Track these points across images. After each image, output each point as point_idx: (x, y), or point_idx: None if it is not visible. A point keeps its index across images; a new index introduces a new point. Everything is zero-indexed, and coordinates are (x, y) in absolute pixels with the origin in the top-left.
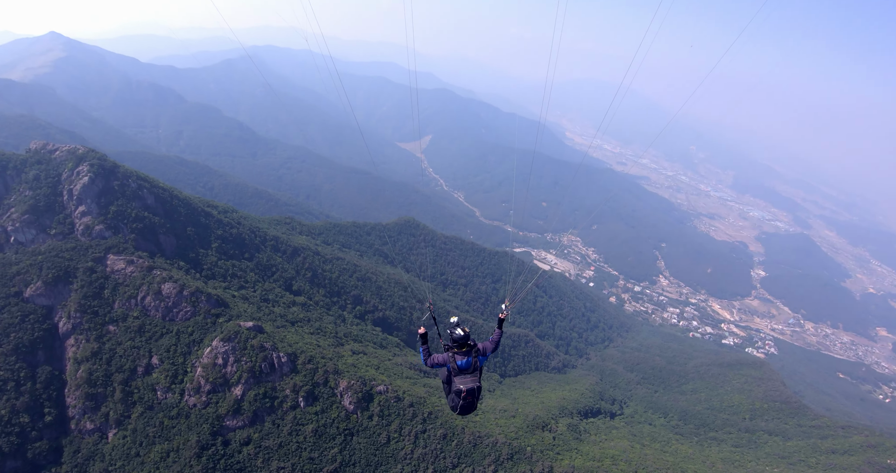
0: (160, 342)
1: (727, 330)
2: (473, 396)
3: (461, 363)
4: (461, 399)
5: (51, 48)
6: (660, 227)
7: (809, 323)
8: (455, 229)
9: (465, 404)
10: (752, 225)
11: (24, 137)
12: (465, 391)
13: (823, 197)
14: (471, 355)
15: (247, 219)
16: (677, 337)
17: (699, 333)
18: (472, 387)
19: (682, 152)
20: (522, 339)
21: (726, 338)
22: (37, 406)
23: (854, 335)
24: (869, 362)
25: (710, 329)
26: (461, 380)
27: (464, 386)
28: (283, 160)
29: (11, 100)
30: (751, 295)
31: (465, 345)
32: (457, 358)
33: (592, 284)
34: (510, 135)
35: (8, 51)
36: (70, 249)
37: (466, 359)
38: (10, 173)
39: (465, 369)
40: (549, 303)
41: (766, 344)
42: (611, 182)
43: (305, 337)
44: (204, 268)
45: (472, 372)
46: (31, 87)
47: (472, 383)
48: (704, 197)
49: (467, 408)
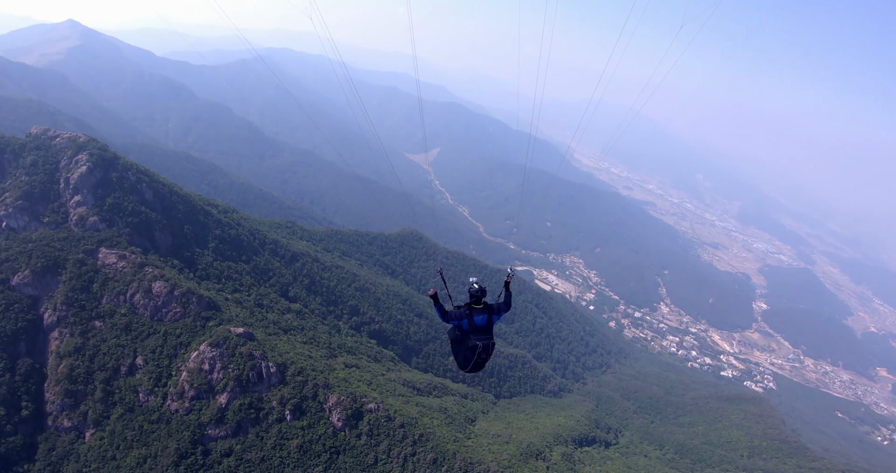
0: (146, 342)
1: (726, 361)
2: (488, 353)
3: (478, 319)
4: (476, 356)
5: (67, 36)
6: (663, 254)
7: (809, 360)
8: (458, 243)
9: (479, 361)
10: (756, 257)
11: (31, 121)
12: (482, 347)
13: (828, 232)
14: (486, 313)
15: (247, 220)
16: (676, 367)
17: (698, 363)
18: (489, 344)
19: (688, 180)
20: (519, 360)
21: (725, 370)
22: (14, 399)
23: (854, 374)
24: (868, 402)
25: (709, 360)
26: (477, 337)
27: (480, 343)
28: (290, 163)
29: (23, 84)
30: (751, 328)
31: (481, 302)
32: (474, 314)
33: (593, 307)
34: (518, 152)
35: (25, 35)
36: (62, 239)
37: (483, 316)
38: (7, 157)
39: (481, 327)
40: (548, 325)
41: (765, 379)
42: (616, 206)
43: (297, 347)
44: (198, 268)
45: (486, 329)
46: (43, 73)
47: (487, 340)
48: (709, 226)
49: (480, 365)
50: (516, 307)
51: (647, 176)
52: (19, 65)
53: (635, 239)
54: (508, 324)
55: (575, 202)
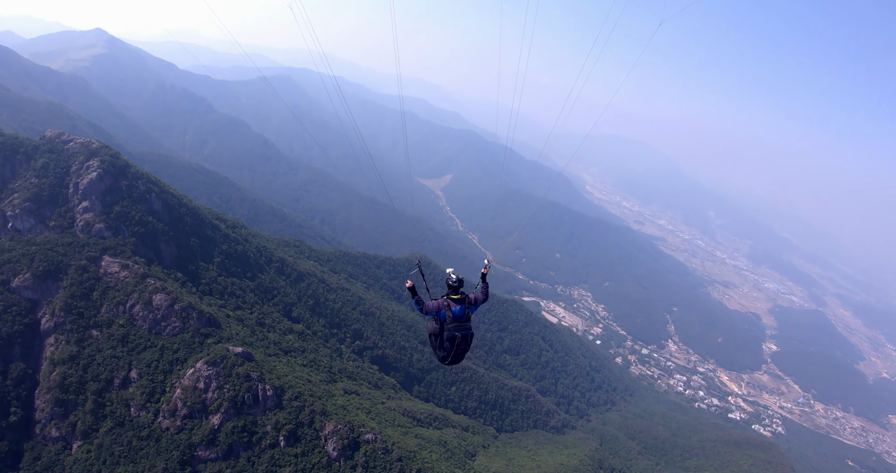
0: (142, 355)
1: (734, 403)
2: (467, 343)
3: (455, 309)
4: (454, 347)
5: (94, 43)
6: (673, 291)
7: (819, 404)
8: (465, 271)
9: (458, 352)
10: (767, 297)
11: (50, 124)
12: (460, 337)
13: (840, 275)
14: (464, 303)
15: (255, 236)
16: (682, 407)
17: (705, 404)
18: (467, 334)
19: (700, 216)
20: (523, 393)
21: (733, 412)
22: (3, 404)
23: (865, 421)
24: (879, 451)
25: (716, 401)
26: (455, 328)
27: (458, 333)
28: (302, 181)
29: (47, 88)
30: (761, 370)
31: (459, 293)
32: (451, 305)
33: (600, 342)
34: (531, 182)
35: (54, 40)
36: (66, 244)
37: (460, 307)
38: (19, 157)
39: (459, 317)
40: (553, 358)
41: (774, 423)
42: (627, 240)
43: (297, 370)
44: (202, 283)
45: (464, 320)
46: (67, 78)
47: (465, 330)
48: (720, 264)
49: (459, 357)
50: (522, 338)
51: (658, 211)
52: (44, 68)
53: (645, 275)
54: (514, 356)
55: (585, 234)
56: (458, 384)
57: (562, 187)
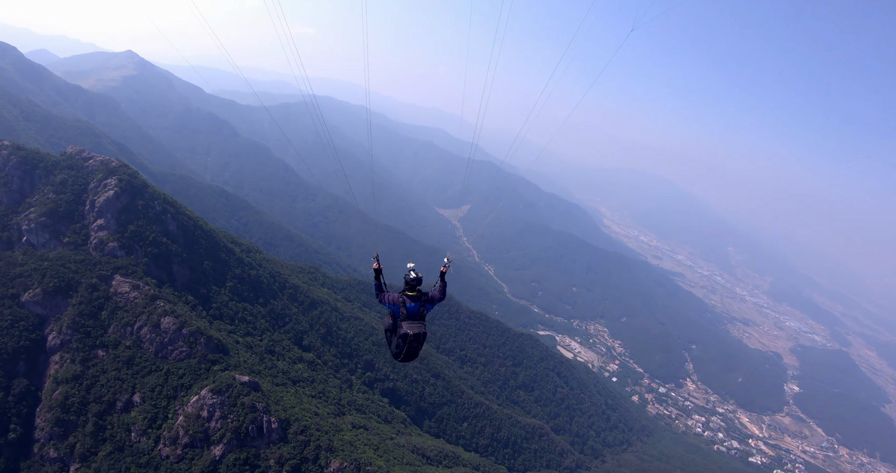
0: (147, 379)
1: (755, 446)
2: (419, 341)
3: (410, 306)
4: (406, 344)
5: (124, 64)
6: (691, 328)
7: (844, 449)
8: (481, 303)
9: (410, 350)
10: (788, 335)
11: (76, 141)
12: (413, 335)
13: (864, 314)
14: (419, 301)
15: (269, 262)
16: (701, 449)
17: (725, 447)
18: (419, 332)
19: (719, 252)
20: (536, 432)
21: (753, 456)
22: (3, 421)
23: (892, 467)
24: None
25: (736, 443)
26: (408, 325)
27: (411, 331)
28: (321, 207)
29: (77, 106)
30: (782, 412)
31: (416, 290)
32: (406, 302)
33: (616, 379)
34: (548, 214)
35: (86, 60)
36: (78, 261)
37: (415, 304)
38: (39, 172)
39: (414, 315)
40: (568, 395)
41: (797, 468)
42: (645, 275)
43: (304, 401)
44: (213, 307)
45: (419, 318)
46: (97, 97)
47: (419, 328)
48: (740, 301)
49: (411, 354)
50: (537, 374)
51: (677, 246)
52: (75, 87)
53: (663, 311)
54: (528, 392)
55: (603, 268)
56: (471, 420)
57: (579, 220)
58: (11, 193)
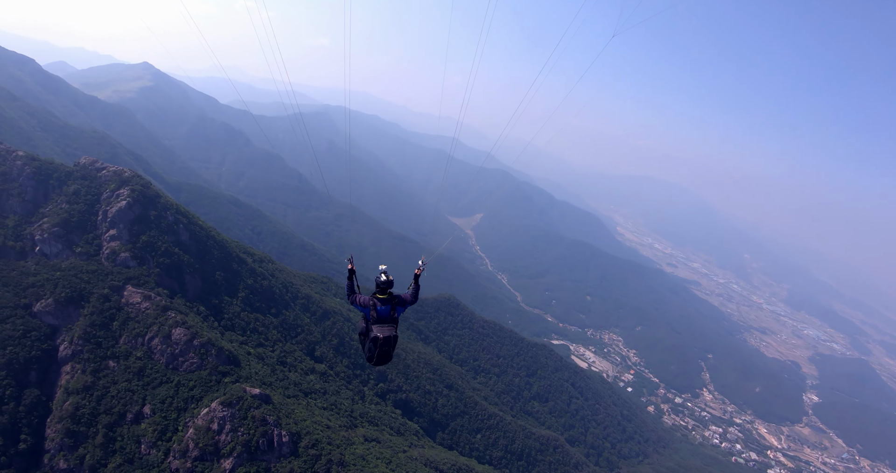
0: (157, 390)
1: (774, 458)
2: (390, 345)
3: (381, 309)
4: (378, 348)
5: (141, 76)
6: (707, 336)
7: (865, 461)
8: (494, 312)
9: (381, 353)
10: (807, 344)
11: (92, 151)
12: (383, 338)
13: (884, 321)
14: (390, 304)
15: (282, 272)
16: (719, 461)
17: (743, 458)
18: (390, 336)
19: (735, 260)
20: (551, 443)
21: (773, 468)
22: (14, 431)
23: None
24: None
25: (755, 455)
26: (379, 328)
27: (381, 334)
28: (334, 216)
29: (93, 116)
30: (801, 422)
31: (387, 293)
32: (377, 304)
33: (631, 389)
34: (562, 223)
35: (103, 72)
36: (90, 272)
37: (386, 307)
38: (52, 182)
39: (384, 318)
40: (583, 406)
41: None
42: (659, 283)
43: (316, 413)
44: (224, 318)
45: (389, 321)
46: (113, 108)
47: (389, 331)
48: (756, 309)
49: (383, 358)
50: (551, 385)
51: (691, 253)
52: (91, 98)
53: (678, 319)
54: (542, 403)
55: (617, 277)
56: (484, 431)
57: (593, 228)
58: (25, 203)
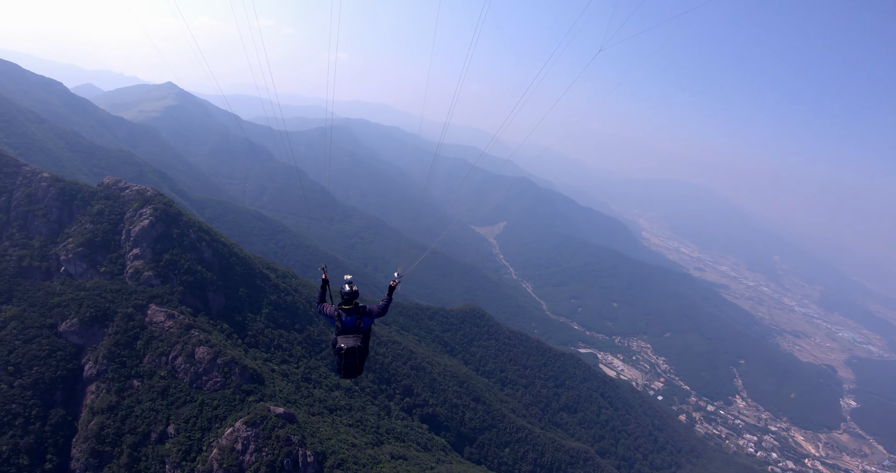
0: (181, 410)
1: (812, 467)
2: (354, 356)
3: (345, 319)
4: (342, 359)
5: (165, 95)
6: (739, 342)
7: None
8: (520, 321)
9: (347, 364)
10: (842, 347)
11: (119, 171)
12: (346, 349)
13: None
14: (356, 314)
15: (305, 286)
16: (754, 471)
17: (779, 468)
18: (353, 347)
19: (764, 261)
20: (581, 456)
21: None
22: (40, 450)
23: None
24: None
25: (792, 464)
26: (343, 339)
27: (345, 345)
28: (357, 228)
29: (119, 136)
30: (839, 429)
31: (352, 303)
32: (342, 314)
33: (661, 398)
34: (586, 229)
35: (129, 93)
36: (114, 291)
37: (351, 317)
38: (77, 203)
39: (350, 328)
40: (613, 417)
41: None
42: (687, 287)
43: (341, 431)
44: (248, 335)
45: (355, 332)
46: (139, 127)
47: (353, 342)
48: (788, 312)
49: (349, 369)
50: (580, 395)
51: (719, 256)
52: (118, 118)
53: (708, 325)
54: (571, 414)
55: (644, 282)
56: (513, 445)
57: (617, 233)
58: (50, 224)
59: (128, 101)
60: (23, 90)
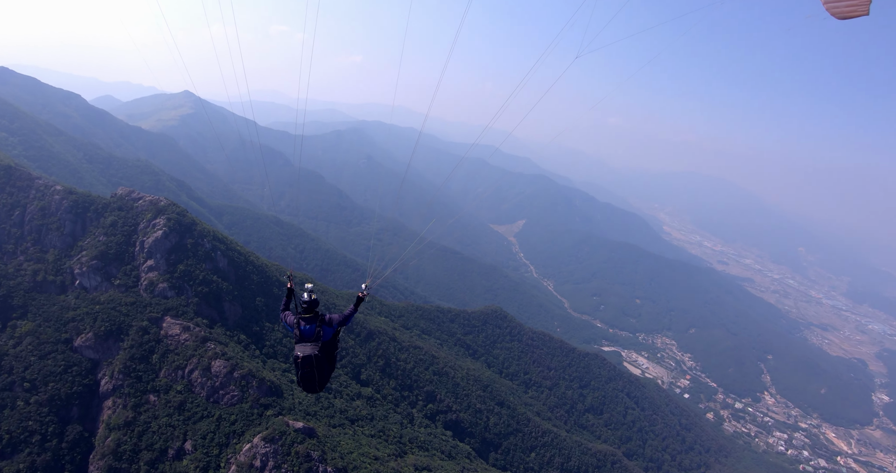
0: (198, 425)
1: (845, 465)
2: (311, 366)
3: (304, 328)
4: (299, 368)
5: (182, 104)
6: (765, 336)
7: None
8: (541, 320)
9: (304, 374)
10: (872, 340)
11: (136, 180)
12: (302, 358)
13: None
14: (315, 323)
15: (324, 292)
16: (785, 469)
17: (811, 466)
18: (310, 355)
19: (789, 253)
20: (608, 459)
21: None
22: (57, 468)
23: None
24: None
25: (823, 462)
26: (300, 347)
27: (301, 353)
28: (375, 230)
29: (138, 146)
30: (872, 424)
31: (311, 312)
32: (301, 323)
33: (688, 396)
34: (606, 225)
35: (147, 103)
36: (129, 304)
37: (310, 326)
38: (90, 215)
39: (308, 337)
40: (640, 417)
41: None
42: (711, 282)
43: (363, 443)
44: (266, 345)
45: (314, 340)
46: (156, 136)
47: (310, 350)
48: (816, 304)
49: (307, 381)
50: (606, 395)
51: (742, 249)
52: (136, 128)
53: (734, 320)
54: (596, 415)
55: (667, 278)
56: (539, 449)
57: (638, 228)
58: (64, 237)
59: (145, 111)
60: (41, 103)
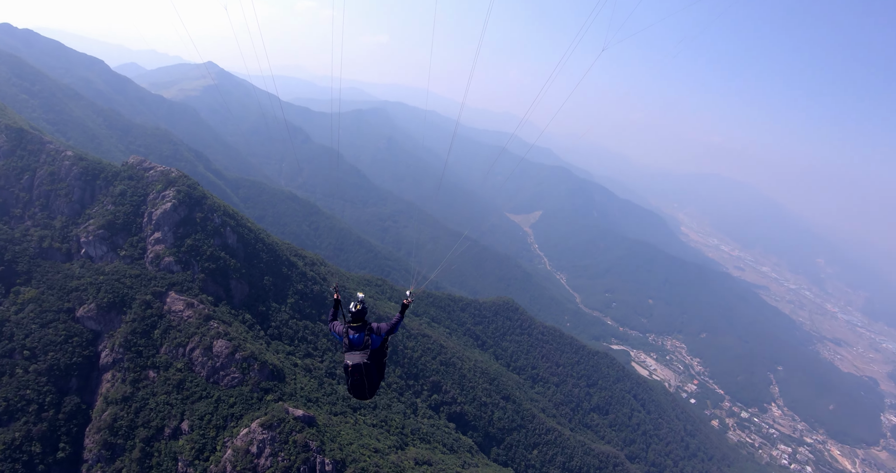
0: (196, 406)
1: None
2: (360, 373)
3: (353, 337)
4: (348, 376)
5: (205, 75)
6: (777, 347)
7: None
8: (552, 313)
9: (353, 381)
10: (886, 358)
11: (154, 148)
12: (351, 366)
13: None
14: (363, 331)
15: (334, 274)
16: None
17: None
18: (359, 363)
19: (807, 264)
20: (611, 461)
21: None
22: (53, 438)
23: None
24: None
25: None
26: (350, 356)
27: (350, 361)
28: (391, 212)
29: (158, 114)
30: (878, 445)
31: (360, 321)
32: (350, 332)
33: (694, 401)
34: (623, 221)
35: (171, 72)
36: (133, 276)
37: (359, 335)
38: (99, 183)
39: (357, 345)
40: (645, 420)
41: None
42: (726, 287)
43: (364, 433)
44: (272, 326)
45: (363, 348)
46: (178, 106)
47: (359, 358)
48: (831, 318)
49: (357, 388)
50: (612, 396)
51: (760, 256)
52: (157, 96)
53: (746, 327)
54: (602, 416)
55: (681, 279)
56: (541, 447)
57: (656, 227)
58: (72, 204)
59: (168, 80)
60: (64, 67)
